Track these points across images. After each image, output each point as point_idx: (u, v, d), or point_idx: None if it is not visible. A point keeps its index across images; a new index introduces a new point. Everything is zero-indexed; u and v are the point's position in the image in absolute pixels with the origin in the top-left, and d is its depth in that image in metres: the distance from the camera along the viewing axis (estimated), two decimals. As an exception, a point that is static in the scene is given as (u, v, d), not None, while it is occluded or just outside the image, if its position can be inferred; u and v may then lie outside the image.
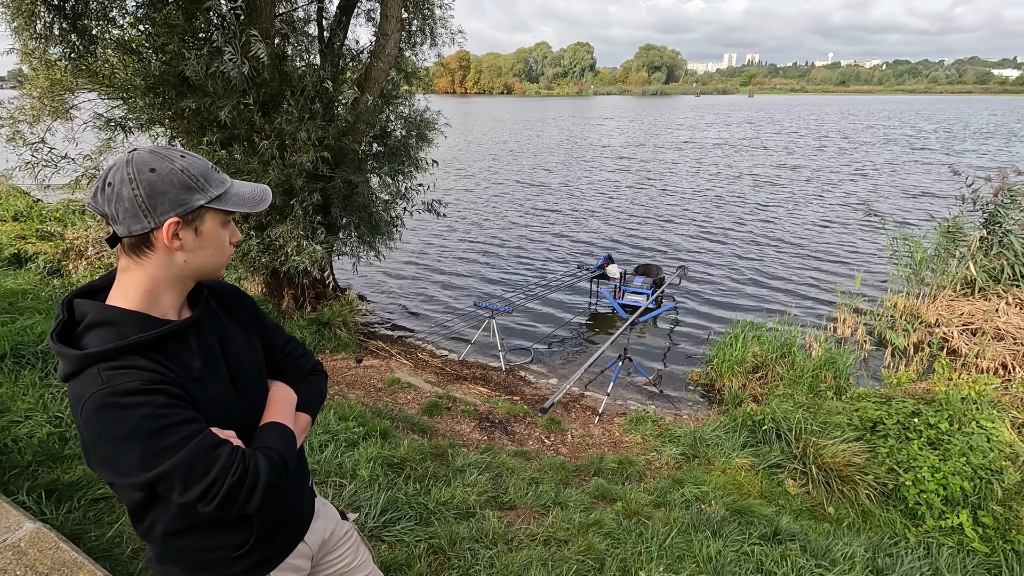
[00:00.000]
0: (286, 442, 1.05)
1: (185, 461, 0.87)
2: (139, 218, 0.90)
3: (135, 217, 0.90)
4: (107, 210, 0.90)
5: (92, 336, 0.90)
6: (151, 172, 0.91)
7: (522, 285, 8.88)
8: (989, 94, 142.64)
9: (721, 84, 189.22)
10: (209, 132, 5.22)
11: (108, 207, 0.90)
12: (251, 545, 1.07)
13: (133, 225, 0.90)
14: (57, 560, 1.76)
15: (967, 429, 4.00)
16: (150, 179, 0.90)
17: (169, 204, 0.91)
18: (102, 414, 0.84)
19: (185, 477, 0.87)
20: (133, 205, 0.89)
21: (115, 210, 0.90)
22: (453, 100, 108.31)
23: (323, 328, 6.20)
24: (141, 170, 0.90)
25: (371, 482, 2.89)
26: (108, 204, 0.90)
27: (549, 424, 4.80)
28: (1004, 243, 7.01)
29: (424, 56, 6.41)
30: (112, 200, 0.90)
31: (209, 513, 0.92)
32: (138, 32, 5.29)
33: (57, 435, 2.72)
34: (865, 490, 3.82)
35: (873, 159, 22.91)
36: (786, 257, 10.36)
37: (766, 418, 4.49)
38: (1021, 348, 5.89)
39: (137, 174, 0.90)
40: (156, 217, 0.91)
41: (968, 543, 3.38)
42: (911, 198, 15.22)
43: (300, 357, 1.24)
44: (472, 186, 17.48)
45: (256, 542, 1.08)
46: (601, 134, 36.31)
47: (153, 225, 0.91)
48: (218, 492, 0.89)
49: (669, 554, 2.67)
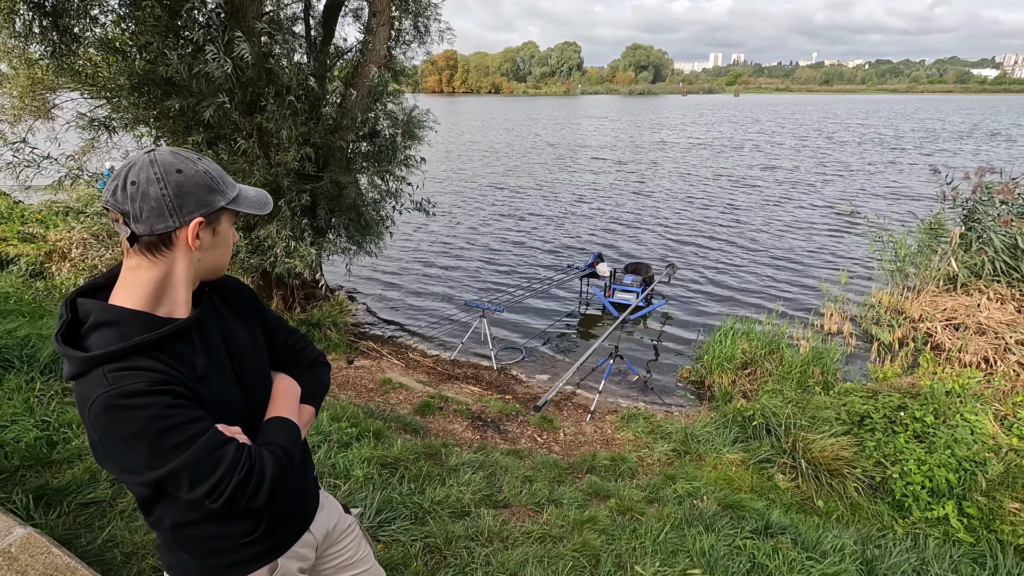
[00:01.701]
0: (291, 437, 1.06)
1: (191, 460, 0.88)
2: (164, 217, 0.92)
3: (160, 216, 0.91)
4: (128, 208, 0.91)
5: (96, 337, 0.90)
6: (178, 173, 0.93)
7: (513, 284, 8.89)
8: (969, 93, 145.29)
9: (707, 84, 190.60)
10: (195, 132, 5.16)
11: (130, 206, 0.90)
12: (259, 533, 1.09)
13: (157, 224, 0.91)
14: (49, 565, 1.73)
15: (951, 422, 4.08)
16: (178, 179, 0.92)
17: (195, 204, 0.94)
18: (109, 415, 0.85)
19: (192, 476, 0.89)
20: (160, 204, 0.91)
21: (139, 209, 0.90)
22: (441, 99, 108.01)
23: (313, 329, 6.16)
24: (168, 171, 0.92)
25: (366, 482, 2.88)
26: (131, 203, 0.90)
27: (541, 422, 4.81)
28: (984, 239, 7.15)
29: (413, 54, 6.39)
30: (136, 199, 0.90)
31: (216, 508, 0.93)
32: (121, 31, 5.21)
33: (45, 439, 2.67)
34: (853, 483, 3.88)
35: (856, 159, 23.24)
36: (773, 254, 10.48)
37: (756, 414, 4.54)
38: (1002, 342, 6.01)
39: (164, 174, 0.91)
40: (182, 216, 0.93)
41: (954, 533, 3.45)
42: (892, 197, 15.46)
43: (303, 350, 1.25)
44: (462, 187, 17.46)
45: (264, 531, 1.10)
46: (589, 134, 36.43)
47: (178, 224, 0.93)
48: (225, 489, 0.91)
49: (663, 549, 2.69)
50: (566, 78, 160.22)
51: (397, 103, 6.41)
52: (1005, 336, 6.03)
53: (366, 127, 6.07)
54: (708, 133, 35.94)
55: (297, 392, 1.17)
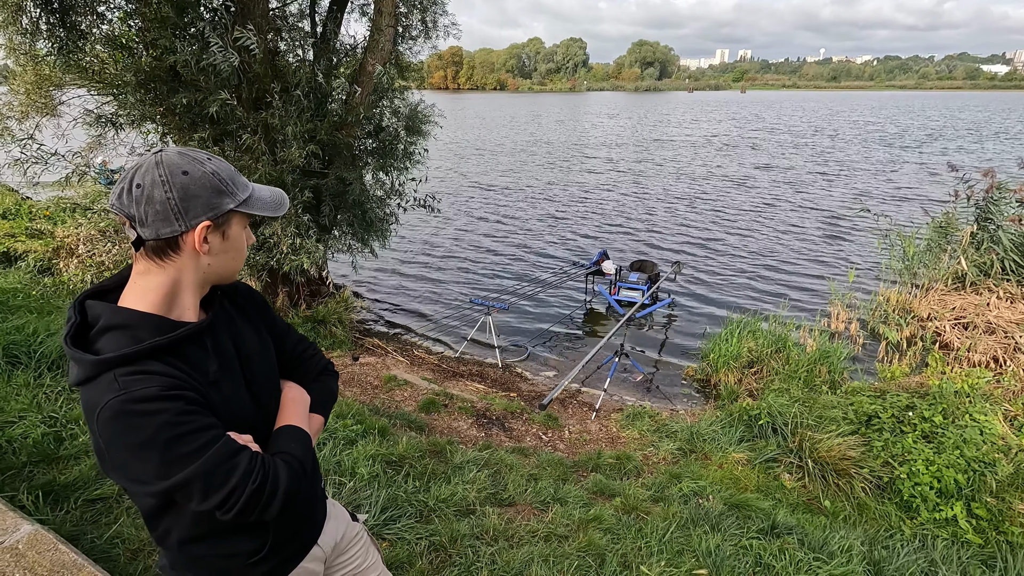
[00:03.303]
0: (304, 446, 1.03)
1: (204, 469, 0.84)
2: (170, 221, 0.88)
3: (166, 220, 0.88)
4: (134, 212, 0.87)
5: (107, 340, 0.87)
6: (184, 175, 0.88)
7: (518, 282, 8.87)
8: (978, 90, 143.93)
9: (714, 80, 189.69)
10: (201, 128, 5.16)
11: (136, 209, 0.87)
12: (266, 551, 1.06)
13: (162, 228, 0.88)
14: (56, 562, 1.74)
15: (960, 422, 4.04)
16: (183, 182, 0.88)
17: (201, 208, 0.90)
18: (119, 421, 0.82)
19: (204, 486, 0.85)
20: (165, 208, 0.87)
21: (144, 212, 0.87)
22: (446, 96, 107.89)
23: (318, 326, 6.17)
24: (174, 172, 0.88)
25: (371, 480, 2.88)
26: (136, 206, 0.87)
27: (546, 420, 4.80)
28: (994, 238, 7.08)
29: (419, 48, 6.38)
30: (141, 202, 0.87)
31: (226, 521, 0.89)
32: (128, 27, 5.22)
33: (52, 435, 2.68)
34: (860, 483, 3.85)
35: (862, 158, 23.06)
36: (780, 252, 10.42)
37: (762, 413, 4.51)
38: (1012, 342, 5.95)
39: (170, 176, 0.87)
40: (188, 220, 0.89)
41: (962, 535, 3.42)
42: (900, 196, 15.33)
43: (311, 358, 1.22)
44: (467, 184, 17.44)
45: (271, 548, 1.06)
46: (594, 132, 36.30)
47: (184, 228, 0.89)
48: (238, 500, 0.87)
49: (669, 548, 2.68)
50: (571, 74, 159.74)
51: (402, 98, 6.41)
52: (1015, 335, 5.97)
53: (371, 123, 6.07)
54: (714, 131, 35.74)
55: (307, 401, 1.14)
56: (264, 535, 1.05)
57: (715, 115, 51.37)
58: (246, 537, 1.04)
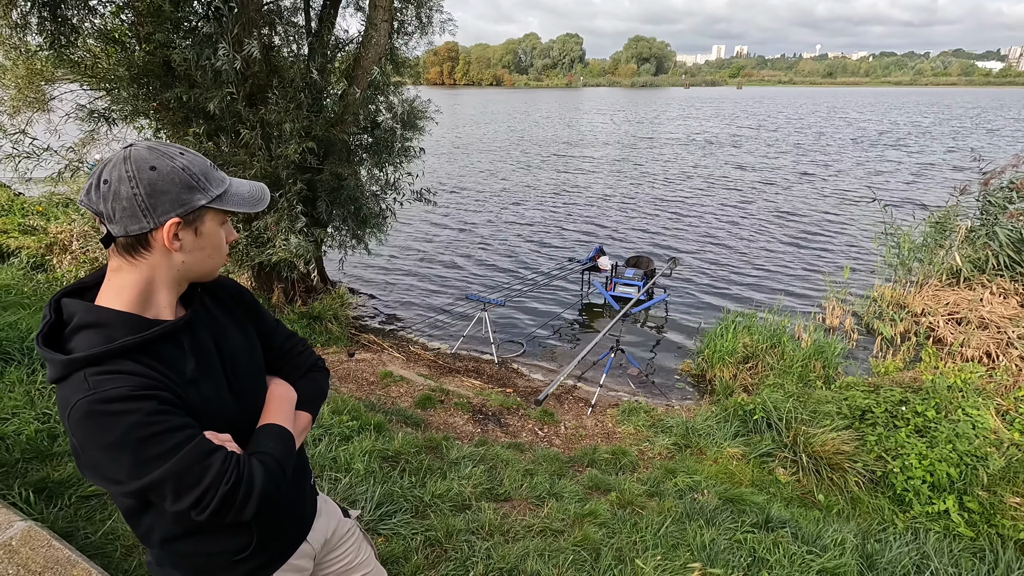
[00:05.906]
0: (284, 446, 1.00)
1: (176, 470, 0.83)
2: (138, 218, 0.86)
3: (133, 217, 0.86)
4: (102, 208, 0.85)
5: (80, 339, 0.86)
6: (151, 170, 0.86)
7: (514, 278, 8.87)
8: (973, 86, 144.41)
9: (710, 76, 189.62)
10: (195, 123, 5.13)
11: (103, 205, 0.85)
12: (252, 549, 1.04)
13: (131, 225, 0.86)
14: (50, 558, 1.73)
15: (953, 416, 4.07)
16: (151, 177, 0.86)
17: (170, 204, 0.87)
18: (89, 422, 0.80)
19: (176, 486, 0.84)
20: (132, 204, 0.85)
21: (111, 209, 0.85)
22: (442, 91, 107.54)
23: (314, 322, 6.16)
24: (141, 168, 0.85)
25: (366, 476, 2.88)
26: (103, 202, 0.85)
27: (542, 416, 4.82)
28: (991, 234, 7.11)
29: (415, 44, 6.34)
30: (108, 198, 0.85)
31: (202, 521, 0.89)
32: (120, 21, 5.17)
33: (45, 431, 2.67)
34: (854, 477, 3.87)
35: (859, 154, 23.11)
36: (776, 248, 10.45)
37: (757, 408, 4.54)
38: (1004, 337, 5.99)
39: (136, 172, 0.85)
40: (156, 217, 0.87)
41: (954, 528, 3.45)
42: (899, 192, 15.37)
43: (300, 355, 1.20)
44: (463, 180, 17.40)
45: (257, 545, 1.05)
46: (592, 128, 36.26)
47: (152, 225, 0.87)
48: (211, 501, 0.86)
49: (664, 543, 2.69)
50: (568, 70, 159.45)
51: (398, 94, 6.38)
52: (1008, 330, 6.01)
53: (367, 119, 6.04)
54: (710, 126, 35.75)
55: (293, 398, 1.12)
56: (249, 533, 1.04)
57: (711, 111, 51.36)
58: (231, 535, 1.02)
